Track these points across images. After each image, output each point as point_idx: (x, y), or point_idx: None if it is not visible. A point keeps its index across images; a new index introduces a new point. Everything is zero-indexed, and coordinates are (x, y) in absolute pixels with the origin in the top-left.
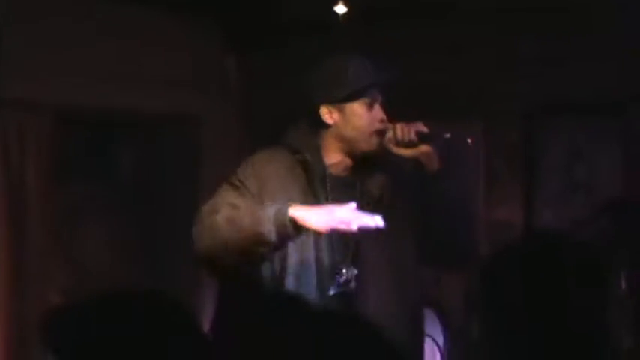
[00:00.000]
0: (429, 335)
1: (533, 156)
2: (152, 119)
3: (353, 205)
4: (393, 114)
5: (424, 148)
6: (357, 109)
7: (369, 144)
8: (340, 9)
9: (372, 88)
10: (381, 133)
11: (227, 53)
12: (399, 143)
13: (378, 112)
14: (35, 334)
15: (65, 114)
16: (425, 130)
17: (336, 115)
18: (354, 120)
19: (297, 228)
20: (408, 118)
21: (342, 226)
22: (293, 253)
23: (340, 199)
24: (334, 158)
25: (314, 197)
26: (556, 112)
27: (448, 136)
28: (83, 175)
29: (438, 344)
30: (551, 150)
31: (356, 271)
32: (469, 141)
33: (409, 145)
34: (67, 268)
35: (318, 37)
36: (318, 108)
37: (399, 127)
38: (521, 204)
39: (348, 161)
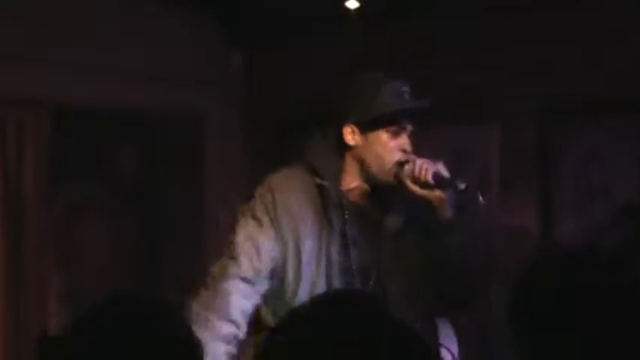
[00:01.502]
0: (443, 345)
1: (549, 159)
2: (153, 117)
3: None
4: (415, 117)
5: (437, 194)
6: (382, 135)
7: (387, 174)
8: (352, 4)
9: (402, 116)
10: (400, 164)
11: (231, 49)
12: (415, 180)
13: (403, 141)
14: (33, 339)
15: (63, 112)
16: (444, 174)
17: (358, 137)
18: (376, 146)
19: None
20: (423, 121)
21: None
22: (302, 295)
23: (356, 228)
24: (353, 183)
25: (329, 225)
26: (572, 113)
27: (463, 187)
28: (82, 175)
29: (452, 354)
30: (568, 152)
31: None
32: (481, 198)
33: (424, 185)
34: (65, 272)
35: (324, 34)
36: (342, 126)
37: (418, 163)
38: (537, 210)
39: (367, 187)
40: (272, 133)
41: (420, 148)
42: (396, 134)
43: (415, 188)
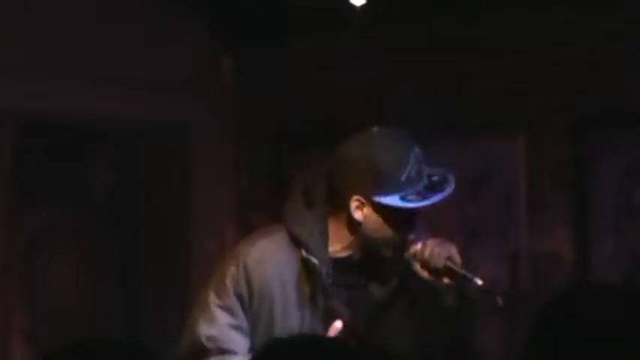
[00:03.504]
0: None
1: (584, 174)
2: (133, 128)
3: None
4: (428, 126)
5: (447, 282)
6: (393, 214)
7: (389, 249)
8: (357, 0)
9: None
10: (408, 243)
11: (220, 51)
12: (423, 264)
13: (415, 221)
14: None
15: (30, 125)
16: (457, 261)
17: (367, 212)
18: (384, 221)
19: None
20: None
21: None
22: None
23: (342, 301)
24: (342, 251)
25: (312, 306)
26: (610, 124)
27: (480, 283)
28: (50, 197)
29: None
30: (606, 168)
31: None
32: (499, 300)
33: (433, 270)
34: (30, 307)
35: (325, 34)
36: (349, 196)
37: (430, 244)
38: (570, 232)
39: (358, 256)
40: (267, 144)
41: (437, 162)
42: (410, 214)
43: (422, 272)
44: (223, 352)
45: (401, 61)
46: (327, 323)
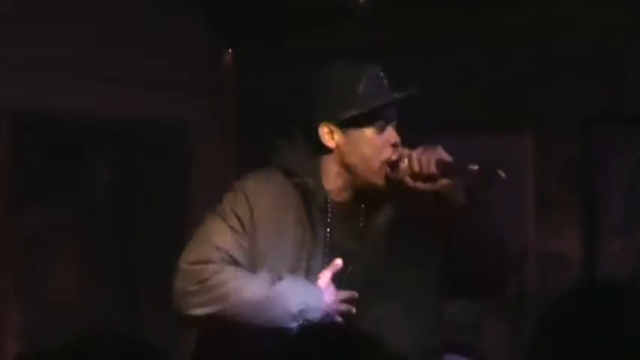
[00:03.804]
0: None
1: (593, 173)
2: (132, 126)
3: (339, 262)
4: (433, 122)
5: (445, 182)
6: (364, 133)
7: (378, 176)
8: None
9: (387, 108)
10: (393, 164)
11: (220, 48)
12: (416, 176)
13: (391, 135)
14: None
15: (26, 121)
16: (447, 159)
17: (338, 137)
18: (359, 146)
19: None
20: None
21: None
22: None
23: (341, 233)
24: (335, 186)
25: (312, 234)
26: (619, 120)
27: (475, 168)
28: (47, 195)
29: None
30: (616, 166)
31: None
32: (501, 173)
33: (428, 178)
34: (26, 309)
35: (325, 31)
36: (317, 125)
37: (415, 155)
38: (579, 231)
39: (353, 190)
40: (268, 142)
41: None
42: (382, 129)
43: (419, 185)
44: (230, 258)
45: (404, 56)
46: (329, 257)
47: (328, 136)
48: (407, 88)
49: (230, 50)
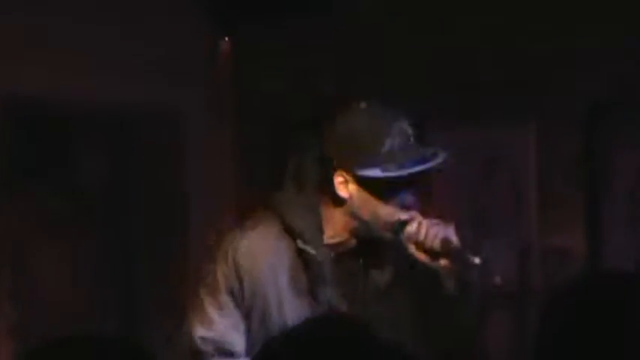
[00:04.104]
0: None
1: (598, 167)
2: (124, 113)
3: None
4: (434, 115)
5: (444, 263)
6: (382, 187)
7: (383, 230)
8: None
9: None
10: (402, 224)
11: (216, 34)
12: (419, 245)
13: (408, 196)
14: None
15: (13, 107)
16: (454, 241)
17: (352, 188)
18: (373, 199)
19: None
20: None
21: None
22: None
23: (341, 291)
24: (337, 236)
25: (312, 299)
26: (625, 113)
27: (477, 261)
28: (36, 184)
29: None
30: (621, 160)
31: None
32: (498, 280)
33: (429, 252)
34: (15, 301)
35: (324, 17)
36: (333, 172)
37: (424, 225)
38: (583, 228)
39: (354, 241)
40: (265, 132)
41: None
42: (395, 186)
43: (418, 254)
44: (221, 352)
45: (404, 45)
46: None
47: (342, 185)
48: (433, 151)
49: (227, 39)
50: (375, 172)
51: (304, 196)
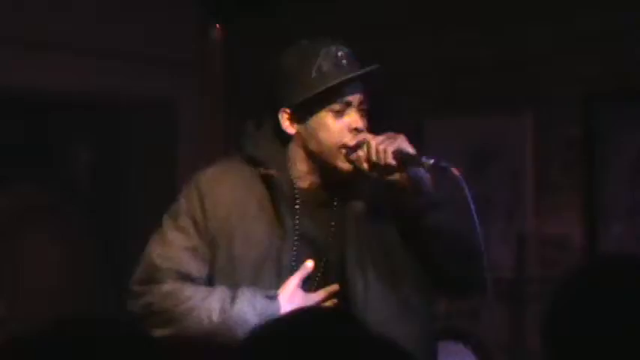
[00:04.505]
0: None
1: (595, 155)
2: (114, 103)
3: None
4: (428, 102)
5: (401, 177)
6: (324, 117)
7: (340, 161)
8: None
9: (347, 87)
10: (352, 149)
11: (209, 21)
12: (372, 165)
13: (352, 119)
14: None
15: (3, 98)
16: (407, 149)
17: (297, 123)
18: (317, 131)
19: None
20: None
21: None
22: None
23: (311, 222)
24: (303, 174)
25: (280, 225)
26: (623, 100)
27: (432, 162)
28: (23, 176)
29: None
30: (620, 147)
31: None
32: (454, 171)
33: (384, 168)
34: (3, 294)
35: (319, 4)
36: (276, 110)
37: (374, 143)
38: (581, 215)
39: (320, 176)
40: (258, 118)
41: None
42: (340, 112)
43: (375, 174)
44: (179, 274)
45: (402, 34)
46: (300, 249)
47: (288, 122)
48: (366, 67)
49: (218, 26)
50: (303, 97)
51: (265, 136)
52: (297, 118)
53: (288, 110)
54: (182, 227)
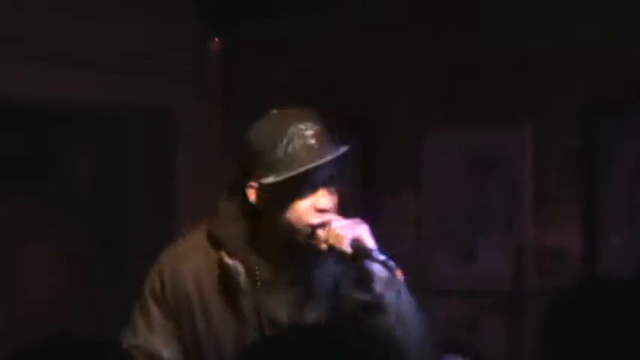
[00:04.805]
0: None
1: (595, 165)
2: (113, 113)
3: None
4: (428, 113)
5: (358, 265)
6: (286, 196)
7: (303, 239)
8: None
9: (314, 170)
10: (314, 230)
11: (207, 31)
12: (330, 248)
13: (319, 199)
14: None
15: (2, 109)
16: (365, 241)
17: (265, 198)
18: (283, 209)
19: None
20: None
21: None
22: None
23: (275, 302)
24: (265, 249)
25: (237, 313)
26: (622, 110)
27: (383, 258)
28: (22, 185)
29: None
30: (619, 158)
31: None
32: (399, 274)
33: (340, 255)
34: (2, 304)
35: (318, 14)
36: (246, 183)
37: (334, 227)
38: (580, 226)
39: (282, 252)
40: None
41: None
42: (309, 192)
43: (332, 258)
44: (151, 358)
45: (396, 42)
46: (263, 332)
47: (254, 196)
48: (334, 148)
49: (217, 39)
50: (270, 180)
51: (232, 207)
52: (264, 194)
53: (255, 185)
54: (147, 312)
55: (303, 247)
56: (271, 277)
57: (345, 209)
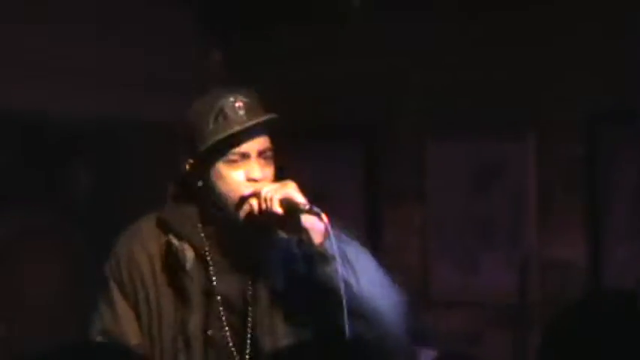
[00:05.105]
0: None
1: (597, 176)
2: (115, 127)
3: None
4: (431, 124)
5: (293, 224)
6: (219, 168)
7: (239, 211)
8: None
9: (242, 137)
10: (247, 198)
11: (209, 45)
12: (262, 213)
13: (249, 169)
14: None
15: (3, 122)
16: (296, 199)
17: (199, 174)
18: (215, 183)
19: None
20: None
21: None
22: None
23: (226, 282)
24: (213, 231)
25: (184, 291)
26: (624, 121)
27: (307, 207)
28: (24, 198)
29: None
30: (622, 168)
31: None
32: (323, 218)
33: (273, 216)
34: (4, 316)
35: (320, 27)
36: (183, 163)
37: (263, 193)
38: (583, 237)
39: (229, 233)
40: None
41: (438, 162)
42: (237, 162)
43: (268, 224)
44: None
45: (395, 55)
46: (212, 314)
47: (191, 174)
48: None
49: (218, 51)
50: (197, 151)
51: (179, 191)
52: (199, 170)
53: (190, 161)
54: (111, 298)
55: (247, 223)
56: (222, 258)
57: (348, 220)
